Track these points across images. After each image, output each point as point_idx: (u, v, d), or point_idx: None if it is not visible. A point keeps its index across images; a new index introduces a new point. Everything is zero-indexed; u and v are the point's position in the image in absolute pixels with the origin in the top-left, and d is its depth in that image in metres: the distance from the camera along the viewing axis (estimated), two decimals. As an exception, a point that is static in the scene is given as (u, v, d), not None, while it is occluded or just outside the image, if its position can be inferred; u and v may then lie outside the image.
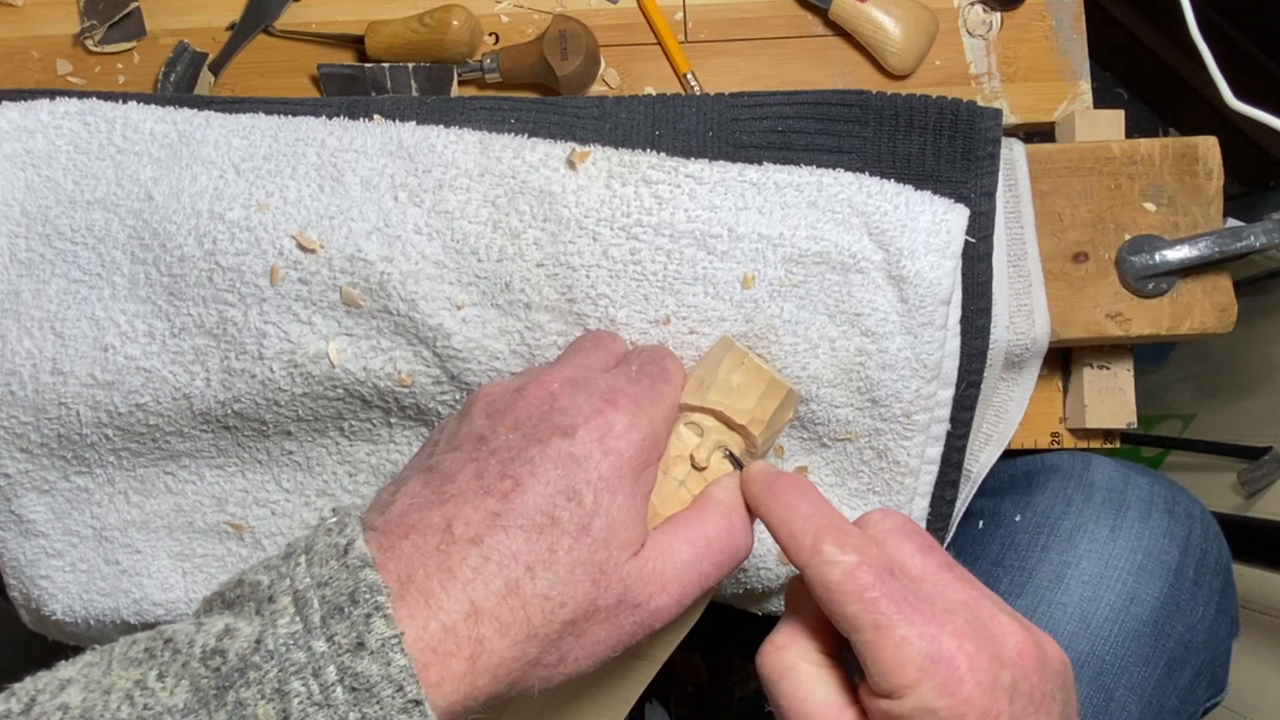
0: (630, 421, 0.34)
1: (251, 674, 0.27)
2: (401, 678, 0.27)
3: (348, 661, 0.27)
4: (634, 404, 0.35)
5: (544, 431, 0.33)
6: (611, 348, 0.41)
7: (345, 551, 0.29)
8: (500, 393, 0.36)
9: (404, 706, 0.27)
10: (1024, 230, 0.51)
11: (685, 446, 0.38)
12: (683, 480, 0.38)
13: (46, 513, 0.46)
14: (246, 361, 0.43)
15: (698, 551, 0.35)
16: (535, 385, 0.35)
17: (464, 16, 0.55)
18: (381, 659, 0.27)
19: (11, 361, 0.43)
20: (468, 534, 0.31)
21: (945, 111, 0.45)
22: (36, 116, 0.45)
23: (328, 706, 0.27)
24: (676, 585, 0.34)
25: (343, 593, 0.28)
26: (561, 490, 0.32)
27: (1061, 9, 0.58)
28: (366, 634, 0.27)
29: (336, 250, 0.42)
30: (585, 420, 0.34)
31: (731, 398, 0.39)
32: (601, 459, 0.33)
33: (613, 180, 0.43)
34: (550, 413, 0.34)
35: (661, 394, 0.37)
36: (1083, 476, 0.52)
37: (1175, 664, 0.49)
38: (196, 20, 0.58)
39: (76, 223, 0.44)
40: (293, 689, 0.27)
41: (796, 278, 0.43)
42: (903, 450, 0.45)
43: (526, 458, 0.33)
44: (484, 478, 0.32)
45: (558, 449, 0.33)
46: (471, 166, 0.43)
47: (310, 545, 0.30)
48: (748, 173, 0.44)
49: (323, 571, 0.29)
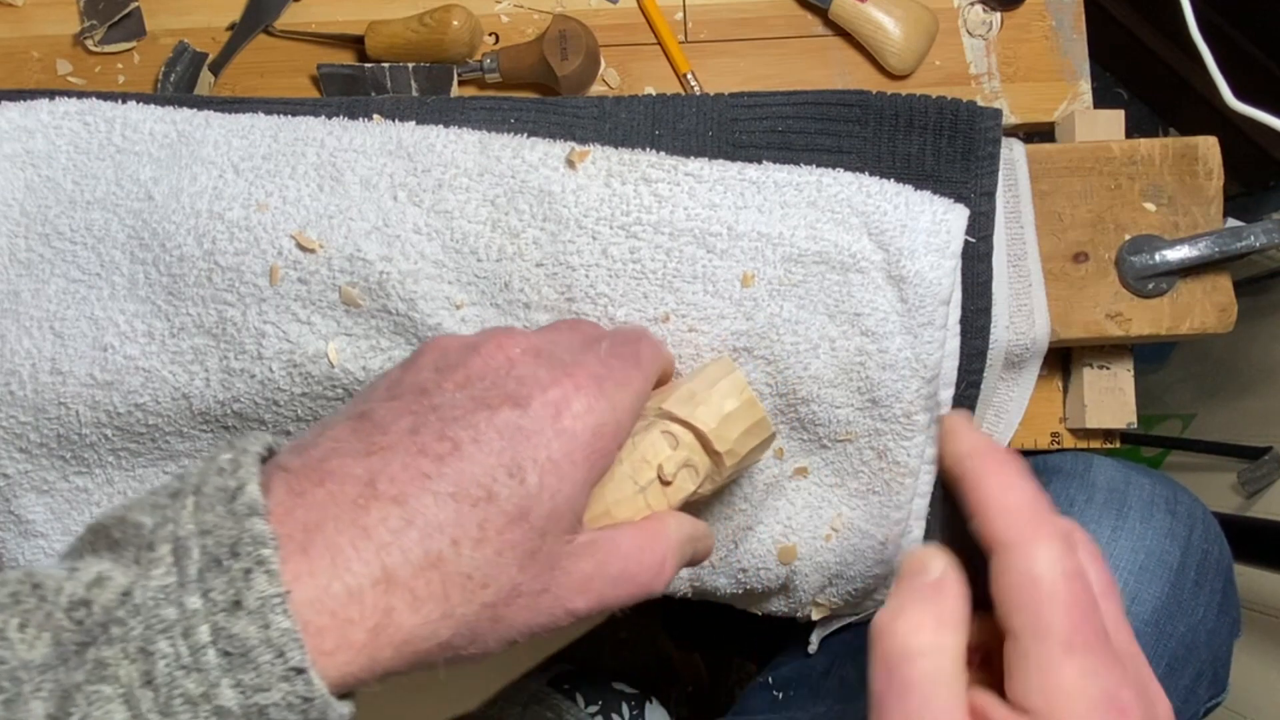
0: (589, 403, 0.31)
1: (115, 629, 0.24)
2: (282, 642, 0.24)
3: (222, 621, 0.24)
4: (597, 385, 0.32)
5: (494, 397, 0.30)
6: (587, 332, 0.38)
7: (234, 496, 0.26)
8: (455, 347, 0.33)
9: (284, 674, 0.24)
10: (1024, 230, 0.51)
11: (656, 454, 0.37)
12: (643, 487, 0.36)
13: (45, 513, 0.46)
14: (246, 361, 0.43)
15: (628, 573, 0.33)
16: (494, 345, 0.32)
17: (464, 16, 0.55)
18: (260, 620, 0.24)
19: (11, 361, 0.43)
20: (391, 491, 0.27)
21: (945, 111, 0.45)
22: (36, 116, 0.45)
23: (197, 670, 0.24)
24: (597, 595, 0.32)
25: (224, 543, 0.25)
26: (504, 464, 0.29)
27: (1061, 9, 0.58)
28: (246, 591, 0.24)
29: (336, 250, 0.42)
30: (541, 392, 0.31)
31: (719, 423, 0.38)
32: (553, 438, 0.30)
33: (612, 179, 0.43)
34: (505, 378, 0.31)
35: (629, 379, 0.34)
36: (1084, 477, 0.52)
37: (1177, 664, 0.49)
38: (196, 20, 0.58)
39: (76, 222, 0.44)
40: (159, 649, 0.24)
41: (796, 277, 0.43)
42: (903, 450, 0.45)
43: (470, 421, 0.29)
44: (420, 434, 0.29)
45: (506, 418, 0.30)
46: (471, 166, 0.43)
47: (200, 485, 0.26)
48: (747, 171, 0.44)
49: (208, 518, 0.25)
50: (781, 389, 0.44)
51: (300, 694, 0.24)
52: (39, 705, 0.23)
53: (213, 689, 0.24)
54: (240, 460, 0.27)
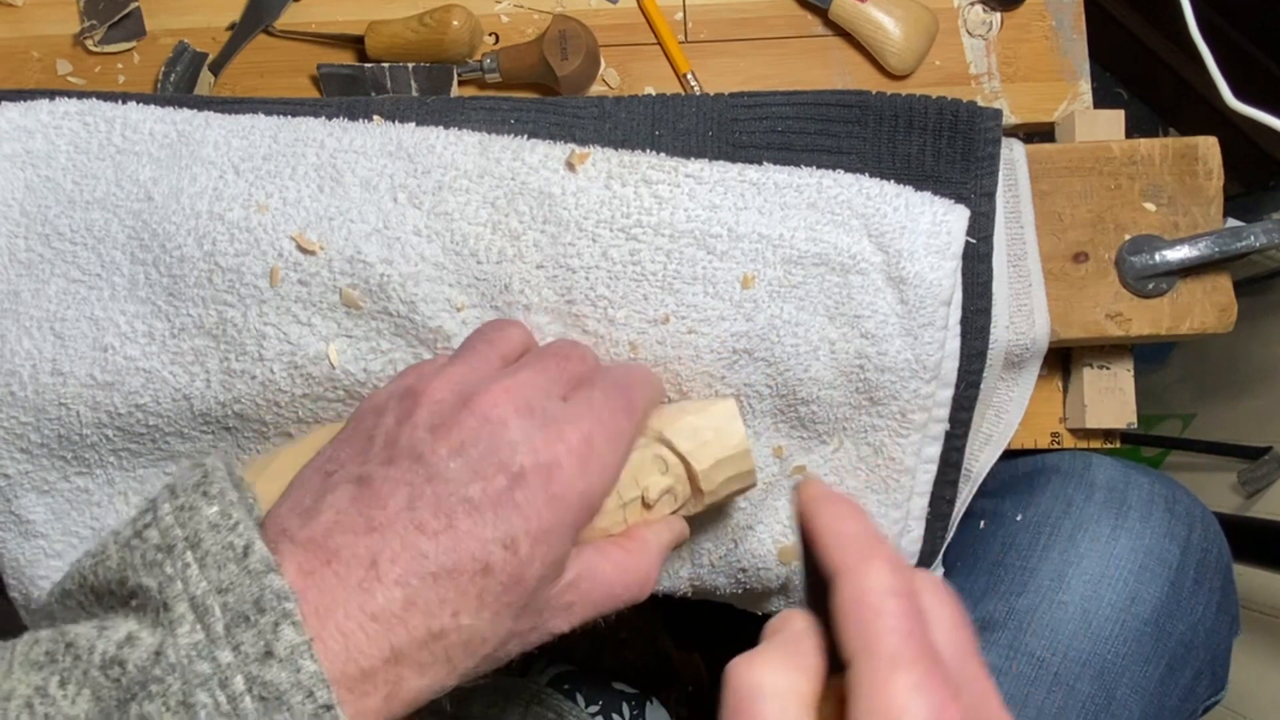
0: (580, 467, 0.33)
1: (154, 686, 0.26)
2: (312, 684, 0.27)
3: (255, 670, 0.27)
4: (587, 446, 0.33)
5: (488, 467, 0.32)
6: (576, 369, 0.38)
7: (244, 554, 0.28)
8: (447, 400, 0.34)
9: (315, 712, 0.27)
10: (1024, 230, 0.51)
11: (645, 476, 0.38)
12: (625, 504, 0.37)
13: (46, 513, 0.46)
14: (246, 363, 0.43)
15: (609, 592, 0.35)
16: (485, 402, 0.33)
17: (464, 16, 0.55)
18: (291, 666, 0.27)
19: (11, 362, 0.43)
20: (393, 574, 0.29)
21: (945, 112, 0.45)
22: (36, 116, 0.45)
23: (235, 716, 0.26)
24: (579, 616, 0.35)
25: (246, 599, 0.27)
26: (498, 537, 0.31)
27: (1061, 9, 0.58)
28: (275, 642, 0.27)
29: (336, 252, 0.42)
30: (534, 460, 0.32)
31: (712, 465, 0.39)
32: (543, 507, 0.32)
33: (612, 181, 0.43)
34: (497, 445, 0.32)
35: (620, 431, 0.35)
36: (1084, 476, 0.52)
37: (1176, 663, 0.49)
38: (196, 20, 0.58)
39: (76, 223, 0.44)
40: (198, 700, 0.26)
41: (796, 279, 0.43)
42: (899, 448, 0.45)
43: (464, 495, 0.31)
44: (416, 510, 0.31)
45: (499, 491, 0.31)
46: (471, 168, 0.43)
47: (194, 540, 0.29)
48: (748, 173, 0.44)
49: (221, 576, 0.28)
50: (781, 390, 0.44)
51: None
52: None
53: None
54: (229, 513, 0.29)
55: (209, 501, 0.30)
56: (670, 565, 0.48)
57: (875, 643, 0.28)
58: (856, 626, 0.28)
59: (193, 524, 0.29)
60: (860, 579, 0.29)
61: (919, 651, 0.27)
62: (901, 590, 0.29)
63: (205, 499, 0.30)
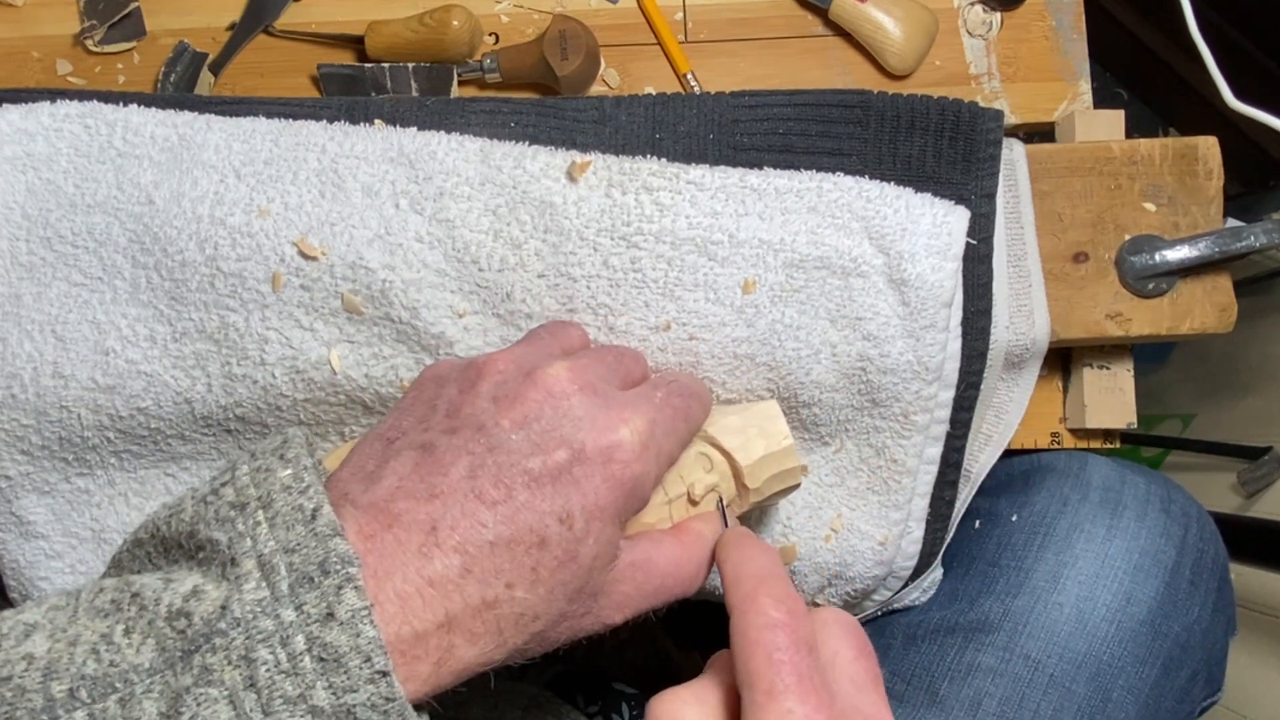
0: (639, 451, 0.33)
1: (218, 640, 0.27)
2: (370, 649, 0.27)
3: (316, 631, 0.27)
4: (648, 432, 0.34)
5: (550, 441, 0.32)
6: (635, 369, 0.39)
7: (313, 517, 0.29)
8: (512, 372, 0.34)
9: (371, 677, 0.27)
10: (1024, 230, 0.51)
11: (691, 474, 0.38)
12: (671, 500, 0.38)
13: (47, 514, 0.46)
14: (248, 367, 0.43)
15: (663, 584, 0.35)
16: (552, 380, 0.34)
17: (464, 16, 0.55)
18: (351, 630, 0.27)
19: (12, 365, 0.43)
20: (452, 540, 0.30)
21: (946, 113, 0.45)
22: (37, 119, 0.45)
23: (295, 675, 0.27)
24: (633, 607, 0.35)
25: (312, 561, 0.28)
26: (555, 511, 0.31)
27: (1061, 9, 0.58)
28: (337, 605, 0.27)
29: (338, 257, 0.42)
30: (595, 438, 0.32)
31: (756, 463, 0.39)
32: (601, 484, 0.32)
33: (613, 189, 0.43)
34: (560, 419, 0.33)
35: (678, 430, 0.36)
36: (1079, 476, 0.52)
37: (1172, 664, 0.49)
38: (196, 20, 0.58)
39: (77, 226, 0.44)
40: (260, 656, 0.27)
41: (797, 283, 0.43)
42: (900, 450, 0.45)
43: (525, 467, 0.31)
44: (477, 479, 0.31)
45: (559, 465, 0.32)
46: (473, 175, 0.43)
47: (266, 499, 0.29)
48: (749, 178, 0.44)
49: (289, 536, 0.28)
50: (783, 394, 0.44)
51: (384, 694, 0.27)
52: (151, 705, 0.26)
53: (309, 690, 0.27)
54: (302, 476, 0.30)
55: (284, 465, 0.30)
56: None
57: (755, 675, 0.29)
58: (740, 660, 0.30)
59: (267, 484, 0.30)
60: (745, 615, 0.30)
61: (796, 679, 0.29)
62: (781, 623, 0.30)
63: (281, 462, 0.30)
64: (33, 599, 0.48)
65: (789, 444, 0.40)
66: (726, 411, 0.41)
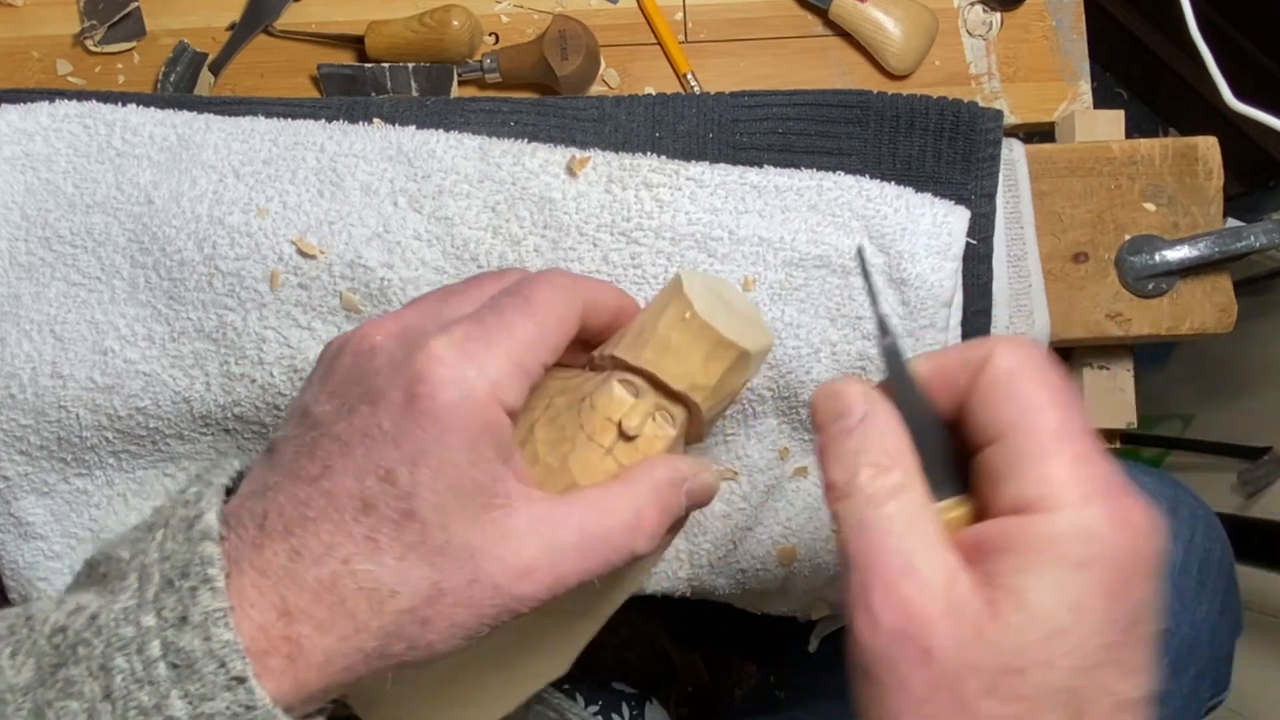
0: (447, 374, 0.28)
1: (81, 650, 0.26)
2: (224, 653, 0.26)
3: (171, 636, 0.26)
4: (457, 351, 0.29)
5: (354, 398, 0.29)
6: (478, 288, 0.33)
7: (191, 524, 0.28)
8: (331, 353, 0.32)
9: (227, 684, 0.26)
10: (1024, 230, 0.51)
11: (616, 409, 0.32)
12: (609, 448, 0.32)
13: (45, 515, 0.46)
14: (246, 366, 0.43)
15: (585, 538, 0.30)
16: (359, 339, 0.31)
17: (464, 16, 0.55)
18: (203, 633, 0.26)
19: (11, 365, 0.43)
20: (279, 526, 0.28)
21: (946, 113, 0.45)
22: (36, 119, 0.45)
23: (150, 684, 0.25)
24: (547, 573, 0.29)
25: (177, 565, 0.27)
26: (370, 470, 0.28)
27: (1061, 9, 0.58)
28: (192, 607, 0.26)
29: (336, 256, 0.42)
30: (394, 380, 0.29)
31: (668, 359, 0.32)
32: (413, 426, 0.28)
33: (613, 185, 0.43)
34: (364, 373, 0.30)
35: (511, 328, 0.30)
36: (1086, 476, 0.52)
37: (1180, 663, 0.49)
38: (196, 20, 0.58)
39: (76, 226, 0.44)
40: (116, 665, 0.26)
41: (797, 281, 0.43)
42: (903, 451, 0.45)
43: (334, 434, 0.29)
44: (298, 460, 0.29)
45: (364, 420, 0.28)
46: (471, 172, 0.43)
47: (169, 518, 0.28)
48: (748, 176, 0.44)
49: (169, 546, 0.27)
50: (784, 393, 0.44)
51: (243, 703, 0.26)
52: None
53: (163, 700, 0.25)
54: (203, 492, 0.29)
55: (196, 484, 0.30)
56: (669, 566, 0.48)
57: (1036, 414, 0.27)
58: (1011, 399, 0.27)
59: (173, 505, 0.29)
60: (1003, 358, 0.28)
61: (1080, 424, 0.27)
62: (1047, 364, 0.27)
63: (199, 482, 0.30)
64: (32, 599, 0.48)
65: (698, 320, 0.32)
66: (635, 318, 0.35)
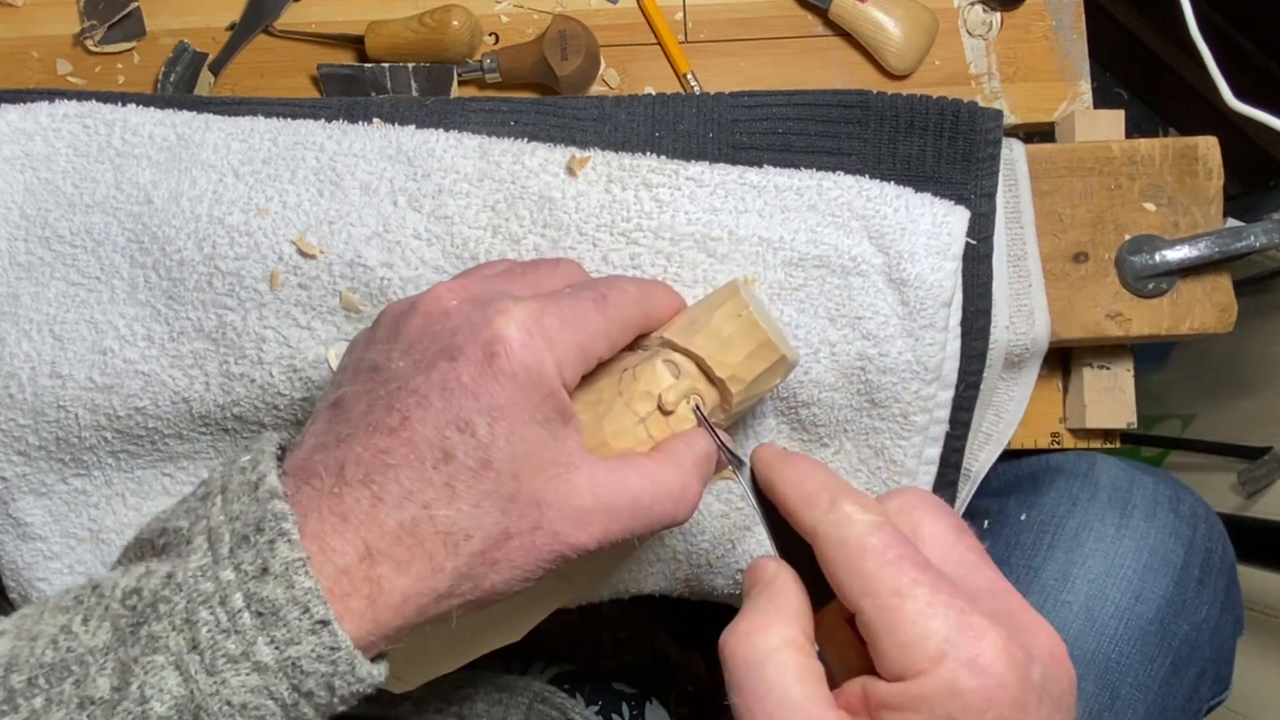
0: (524, 339, 0.31)
1: (162, 607, 0.27)
2: (307, 599, 0.27)
3: (253, 587, 0.27)
4: (534, 321, 0.31)
5: (431, 355, 0.31)
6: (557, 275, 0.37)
7: (256, 486, 0.29)
8: (399, 312, 0.34)
9: (312, 627, 0.27)
10: (1024, 230, 0.51)
11: (657, 383, 0.36)
12: (644, 418, 0.35)
13: (44, 515, 0.46)
14: (246, 366, 0.43)
15: (637, 502, 0.32)
16: (430, 300, 0.33)
17: (464, 16, 0.55)
18: (285, 582, 0.27)
19: (10, 364, 0.43)
20: (358, 475, 0.30)
21: (946, 113, 0.45)
22: (35, 119, 0.45)
23: (235, 632, 0.27)
24: (600, 527, 0.32)
25: (250, 523, 0.28)
26: (450, 421, 0.30)
27: (1061, 9, 0.58)
28: (271, 559, 0.27)
29: (336, 255, 0.42)
30: (471, 338, 0.31)
31: (718, 348, 0.36)
32: (491, 383, 0.30)
33: (612, 184, 0.43)
34: (440, 333, 0.32)
35: (580, 319, 0.33)
36: (1088, 476, 0.52)
37: (1180, 662, 0.49)
38: (196, 20, 0.58)
39: (76, 226, 0.44)
40: (200, 618, 0.27)
41: (797, 281, 0.43)
42: (900, 450, 0.45)
43: (412, 388, 0.31)
44: (373, 412, 0.31)
45: (443, 375, 0.30)
46: (471, 171, 0.43)
47: (225, 484, 0.30)
48: (748, 175, 0.44)
49: (235, 508, 0.29)
50: (783, 392, 0.44)
51: (327, 644, 0.27)
52: (104, 681, 0.27)
53: (250, 647, 0.27)
54: (258, 459, 0.30)
55: (246, 453, 0.31)
56: (668, 566, 0.48)
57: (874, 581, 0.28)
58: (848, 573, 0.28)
59: (228, 474, 0.30)
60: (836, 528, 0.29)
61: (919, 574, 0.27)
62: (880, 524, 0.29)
63: (245, 452, 0.31)
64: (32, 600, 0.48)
65: (751, 318, 0.36)
66: (686, 310, 0.38)
